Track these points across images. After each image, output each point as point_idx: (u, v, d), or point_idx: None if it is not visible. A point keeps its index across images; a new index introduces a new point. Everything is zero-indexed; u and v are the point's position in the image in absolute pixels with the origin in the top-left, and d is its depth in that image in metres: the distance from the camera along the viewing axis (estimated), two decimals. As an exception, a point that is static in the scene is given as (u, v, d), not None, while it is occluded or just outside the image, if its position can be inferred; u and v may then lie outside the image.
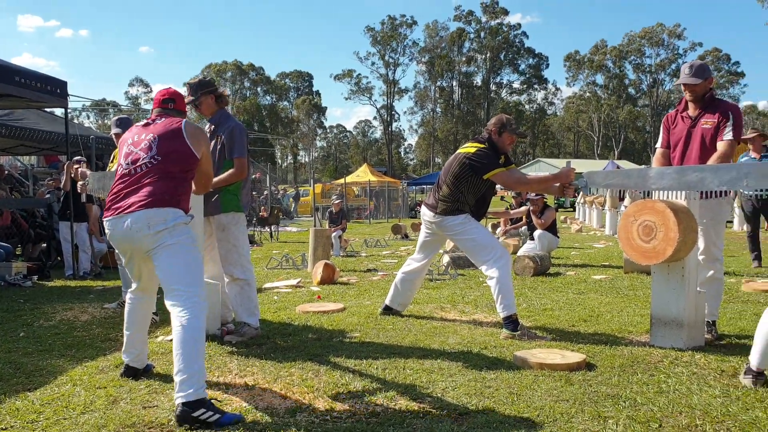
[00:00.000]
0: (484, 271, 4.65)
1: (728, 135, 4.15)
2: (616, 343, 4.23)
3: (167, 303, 3.08)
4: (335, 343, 4.30)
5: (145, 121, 3.42)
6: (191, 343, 2.92)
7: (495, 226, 13.22)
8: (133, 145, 3.29)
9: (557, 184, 4.66)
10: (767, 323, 3.21)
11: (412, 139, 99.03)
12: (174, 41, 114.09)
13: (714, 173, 3.80)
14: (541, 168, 62.84)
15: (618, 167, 23.47)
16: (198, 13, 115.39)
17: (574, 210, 28.60)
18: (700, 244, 4.25)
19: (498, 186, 4.92)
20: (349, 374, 3.55)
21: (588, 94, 77.29)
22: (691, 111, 4.34)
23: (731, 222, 17.48)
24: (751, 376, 3.27)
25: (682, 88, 4.31)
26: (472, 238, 4.68)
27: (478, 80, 79.38)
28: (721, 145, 4.16)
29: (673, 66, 72.11)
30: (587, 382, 3.35)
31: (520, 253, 8.52)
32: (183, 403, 2.80)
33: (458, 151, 4.84)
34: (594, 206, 20.15)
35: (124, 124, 5.19)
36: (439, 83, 78.63)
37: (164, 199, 3.12)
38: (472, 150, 4.70)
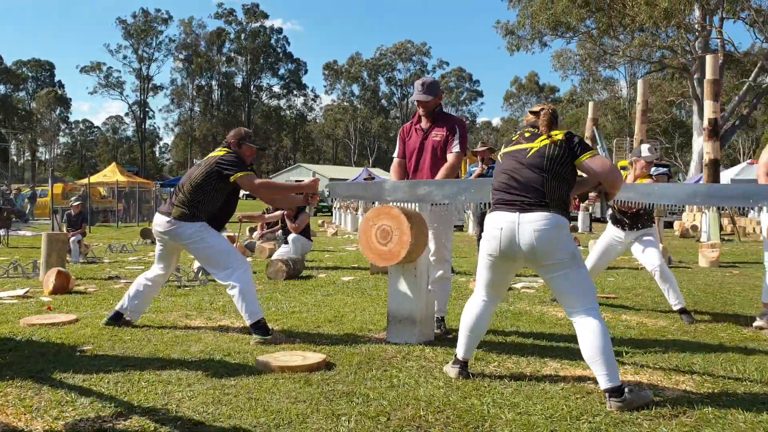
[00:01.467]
0: (222, 281, 4.51)
1: (456, 148, 4.58)
2: (356, 341, 4.40)
3: None
4: (63, 358, 3.95)
5: None
6: None
7: (252, 230, 13.13)
8: None
9: (302, 194, 4.78)
10: (468, 316, 3.56)
11: (168, 139, 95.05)
12: None
13: (439, 187, 4.32)
14: (302, 173, 63.90)
15: (371, 174, 24.65)
16: None
17: (331, 214, 29.48)
18: (432, 246, 4.60)
19: None
20: (76, 391, 3.28)
21: (345, 103, 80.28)
22: (424, 124, 4.70)
23: (461, 226, 19.26)
24: (457, 367, 3.59)
25: (416, 103, 4.67)
26: (209, 246, 4.50)
27: (238, 81, 78.57)
28: (450, 157, 4.59)
29: (421, 81, 77.42)
30: (325, 382, 3.44)
31: (275, 257, 8.56)
32: None
33: (205, 158, 4.73)
34: (349, 210, 20.95)
35: None
36: (197, 82, 76.44)
37: None
38: (222, 153, 4.61)
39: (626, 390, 3.09)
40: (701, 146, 19.04)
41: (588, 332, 3.19)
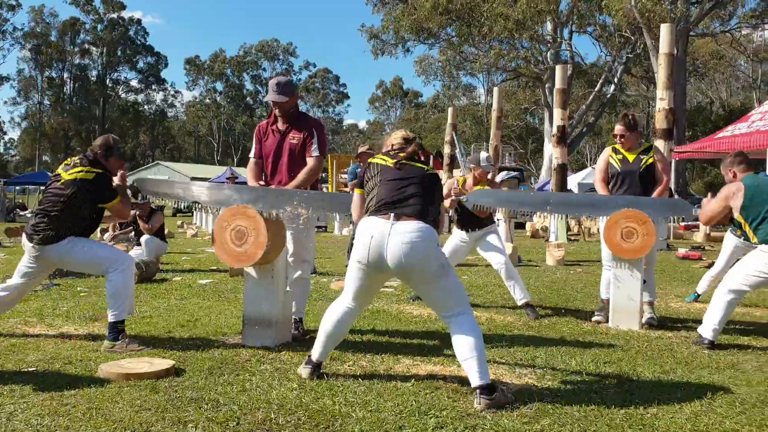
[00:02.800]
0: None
1: (315, 152, 4.54)
2: (209, 346, 4.28)
3: None
4: None
5: None
6: None
7: (104, 231, 12.45)
8: None
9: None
10: (330, 320, 3.55)
11: (14, 133, 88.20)
12: None
13: (240, 192, 4.49)
14: (160, 171, 61.35)
15: (233, 173, 24.13)
16: None
17: (192, 214, 28.57)
18: (290, 246, 4.56)
19: None
20: None
21: (208, 100, 78.13)
22: (281, 125, 4.63)
23: (324, 227, 19.33)
24: (310, 367, 3.58)
25: (271, 104, 4.57)
26: (83, 258, 4.25)
27: (93, 74, 74.34)
28: (310, 161, 4.55)
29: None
30: (173, 389, 3.32)
31: (126, 259, 8.16)
32: None
33: (65, 174, 4.25)
34: (210, 211, 20.39)
35: None
36: (48, 73, 71.56)
37: None
38: (90, 177, 4.26)
39: (497, 389, 3.19)
40: (551, 151, 20.20)
41: (462, 333, 3.26)
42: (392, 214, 3.30)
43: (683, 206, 5.40)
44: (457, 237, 6.04)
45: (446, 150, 21.37)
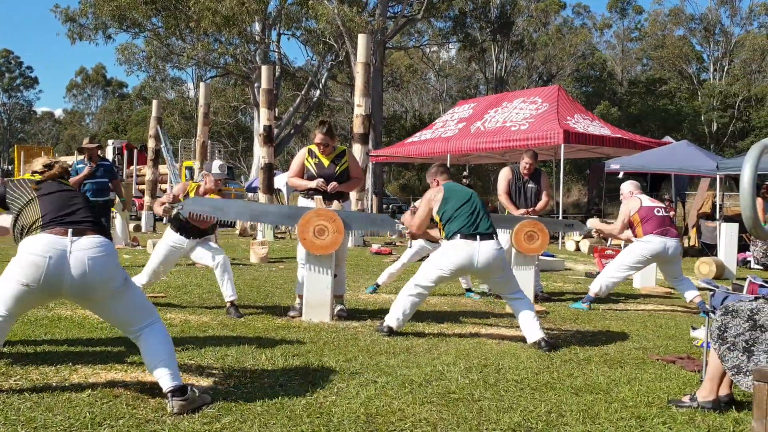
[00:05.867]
0: None
1: None
2: None
3: None
4: None
5: None
6: None
7: None
8: None
9: None
10: None
11: None
12: None
13: None
14: None
15: None
16: None
17: None
18: None
19: None
20: None
21: None
22: None
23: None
24: None
25: None
26: None
27: None
28: None
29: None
30: None
31: None
32: None
33: None
34: None
35: None
36: None
37: None
38: None
39: (189, 389, 3.08)
40: (259, 151, 20.43)
41: (151, 342, 3.11)
42: (70, 230, 3.03)
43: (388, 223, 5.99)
44: (172, 239, 5.72)
45: (151, 144, 20.41)
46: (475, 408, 3.30)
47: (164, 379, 3.08)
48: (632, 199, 6.54)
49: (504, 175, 7.18)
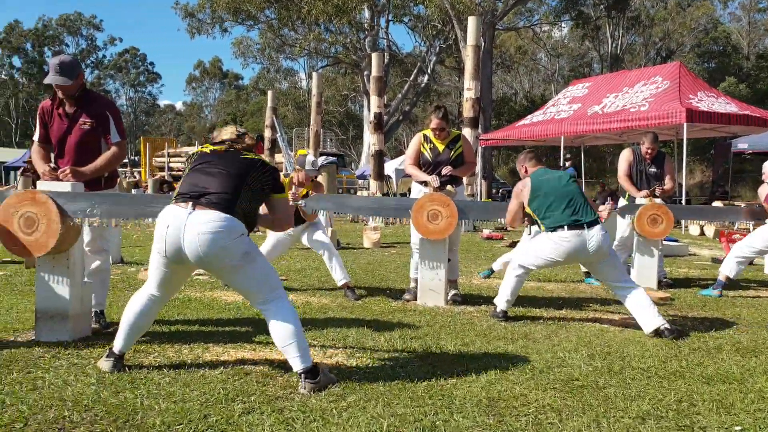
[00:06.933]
0: None
1: (116, 137, 4.24)
2: (-4, 344, 3.92)
3: None
4: None
5: None
6: None
7: None
8: None
9: None
10: (132, 310, 3.39)
11: None
12: None
13: None
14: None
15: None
16: None
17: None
18: (86, 236, 4.28)
19: None
20: None
21: (4, 76, 71.05)
22: (68, 108, 4.23)
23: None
24: (112, 360, 3.41)
25: (54, 86, 4.17)
26: None
27: None
28: (112, 148, 4.25)
29: (93, 57, 72.26)
30: (-51, 393, 3.00)
31: None
32: None
33: None
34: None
35: None
36: None
37: None
38: None
39: (320, 372, 3.18)
40: (369, 138, 20.67)
41: (277, 319, 3.22)
42: (190, 203, 3.19)
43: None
44: None
45: (267, 134, 21.12)
46: (600, 395, 3.22)
47: (295, 360, 3.18)
48: None
49: (625, 158, 6.91)
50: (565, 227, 4.65)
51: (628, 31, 41.23)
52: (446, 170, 5.61)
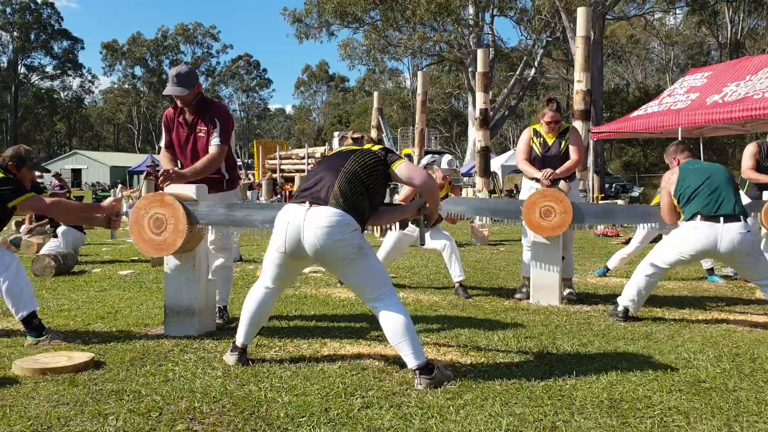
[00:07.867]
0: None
1: (216, 140, 4.39)
2: (130, 338, 4.17)
3: None
4: None
5: None
6: None
7: (19, 224, 11.95)
8: None
9: (102, 215, 4.37)
10: (250, 303, 3.53)
11: None
12: None
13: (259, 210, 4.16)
14: (79, 160, 59.11)
15: (155, 161, 23.51)
16: None
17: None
18: (210, 235, 4.48)
19: None
20: None
21: (127, 85, 75.68)
22: (187, 116, 4.46)
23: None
24: (236, 354, 3.55)
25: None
26: None
27: (3, 61, 70.82)
28: (211, 149, 4.39)
29: (207, 64, 75.69)
30: (93, 382, 3.23)
31: (42, 252, 7.87)
32: None
33: None
34: (131, 199, 19.84)
35: None
36: (-49, 60, 67.78)
37: None
38: None
39: (435, 368, 3.21)
40: (475, 135, 20.50)
41: (389, 316, 3.26)
42: (307, 202, 3.30)
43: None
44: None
45: (373, 134, 21.38)
46: (731, 398, 3.05)
47: (408, 357, 3.22)
48: None
49: (751, 152, 6.49)
50: (699, 216, 4.43)
51: (750, 15, 38.77)
52: (546, 173, 5.38)
